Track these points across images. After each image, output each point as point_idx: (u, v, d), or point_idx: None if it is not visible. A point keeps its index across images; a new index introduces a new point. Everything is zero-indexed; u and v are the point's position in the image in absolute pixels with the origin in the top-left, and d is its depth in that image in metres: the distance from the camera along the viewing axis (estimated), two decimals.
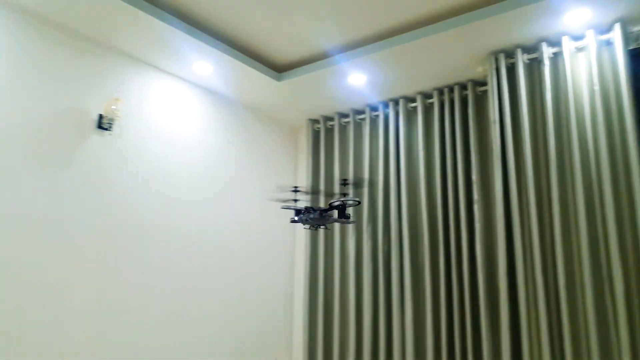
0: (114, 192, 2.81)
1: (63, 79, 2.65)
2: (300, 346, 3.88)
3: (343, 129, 3.96)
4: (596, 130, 2.64)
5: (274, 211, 3.93)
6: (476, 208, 3.04)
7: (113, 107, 2.75)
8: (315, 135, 4.11)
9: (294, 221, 1.78)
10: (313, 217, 1.72)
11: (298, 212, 1.76)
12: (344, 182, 1.66)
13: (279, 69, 3.45)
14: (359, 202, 1.87)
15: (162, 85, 3.19)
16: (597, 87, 2.66)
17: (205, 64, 3.11)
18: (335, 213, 1.75)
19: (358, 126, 3.88)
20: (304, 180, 4.16)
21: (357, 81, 3.38)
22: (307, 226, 1.85)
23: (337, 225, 3.72)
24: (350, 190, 1.79)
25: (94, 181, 2.72)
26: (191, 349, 3.13)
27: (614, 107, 2.62)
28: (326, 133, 4.03)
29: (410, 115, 3.61)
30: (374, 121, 3.79)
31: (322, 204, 1.92)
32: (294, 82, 3.40)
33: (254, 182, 3.80)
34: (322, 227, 1.74)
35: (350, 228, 3.65)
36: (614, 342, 2.46)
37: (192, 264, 3.22)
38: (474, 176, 3.10)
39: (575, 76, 2.77)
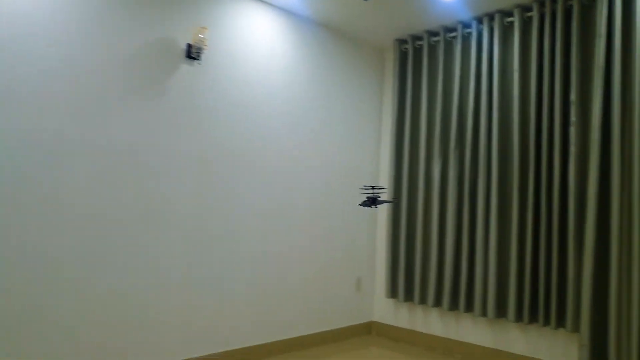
0: (204, 120, 3.02)
1: (151, 11, 2.79)
2: (382, 267, 4.03)
3: (432, 49, 3.77)
4: None
5: (357, 137, 3.96)
6: (572, 130, 2.81)
7: (200, 36, 2.88)
8: (403, 56, 3.97)
9: (360, 205, 2.64)
10: (366, 202, 2.57)
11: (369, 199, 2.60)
12: (372, 186, 2.53)
13: None
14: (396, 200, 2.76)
15: (246, 12, 3.25)
16: None
17: None
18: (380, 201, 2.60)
19: (449, 45, 3.67)
20: (389, 104, 4.10)
21: None
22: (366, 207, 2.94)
23: (422, 146, 3.68)
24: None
25: (184, 110, 2.93)
26: (278, 266, 3.41)
27: None
28: (414, 54, 3.87)
29: (506, 31, 3.33)
30: (466, 39, 3.55)
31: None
32: None
33: (338, 107, 3.83)
34: (373, 207, 2.59)
35: (437, 153, 3.58)
36: None
37: (279, 189, 3.42)
38: (572, 96, 2.83)
39: None
